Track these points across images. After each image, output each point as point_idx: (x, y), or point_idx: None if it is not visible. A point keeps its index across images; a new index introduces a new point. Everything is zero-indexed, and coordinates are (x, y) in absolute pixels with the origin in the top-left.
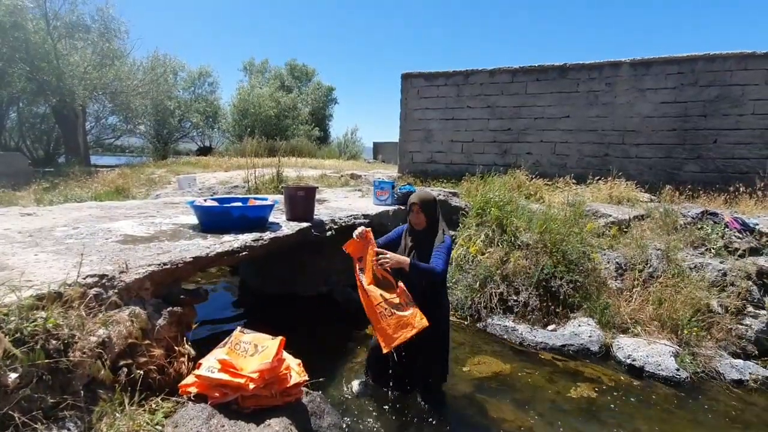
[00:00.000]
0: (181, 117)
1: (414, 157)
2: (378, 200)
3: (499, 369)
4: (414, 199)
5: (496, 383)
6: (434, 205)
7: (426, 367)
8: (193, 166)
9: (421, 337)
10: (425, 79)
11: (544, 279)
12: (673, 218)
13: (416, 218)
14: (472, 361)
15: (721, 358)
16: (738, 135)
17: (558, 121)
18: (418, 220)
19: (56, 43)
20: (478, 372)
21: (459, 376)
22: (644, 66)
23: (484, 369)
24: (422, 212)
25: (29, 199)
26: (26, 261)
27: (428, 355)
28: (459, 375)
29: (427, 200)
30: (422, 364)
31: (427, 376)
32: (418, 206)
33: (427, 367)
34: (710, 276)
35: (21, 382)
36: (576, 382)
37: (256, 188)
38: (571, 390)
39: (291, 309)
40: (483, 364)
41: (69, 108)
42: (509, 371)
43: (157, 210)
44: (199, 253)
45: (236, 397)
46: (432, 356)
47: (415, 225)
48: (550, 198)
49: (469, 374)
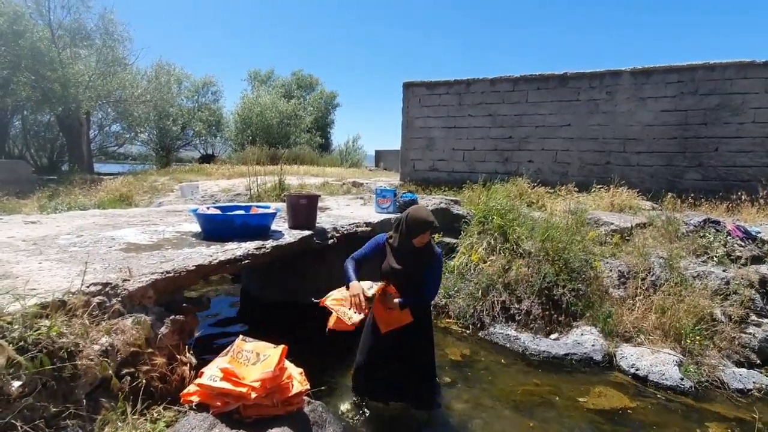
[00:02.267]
0: (185, 125)
1: (416, 165)
2: (380, 208)
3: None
4: (428, 220)
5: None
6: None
7: (417, 381)
8: (195, 174)
9: (410, 347)
10: (427, 88)
11: (546, 287)
12: (675, 226)
13: (424, 239)
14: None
15: (724, 368)
16: (739, 143)
17: (559, 129)
18: (423, 240)
19: (61, 51)
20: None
21: None
22: (644, 75)
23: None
24: (430, 232)
25: (33, 207)
26: (30, 269)
27: (418, 368)
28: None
29: (435, 220)
30: (413, 376)
31: (419, 389)
32: (431, 229)
33: (418, 381)
34: (713, 284)
35: (24, 391)
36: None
37: (258, 196)
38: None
39: (293, 317)
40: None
41: (73, 116)
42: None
43: (160, 218)
44: (202, 261)
45: (238, 407)
46: (421, 368)
47: (417, 244)
48: (552, 206)
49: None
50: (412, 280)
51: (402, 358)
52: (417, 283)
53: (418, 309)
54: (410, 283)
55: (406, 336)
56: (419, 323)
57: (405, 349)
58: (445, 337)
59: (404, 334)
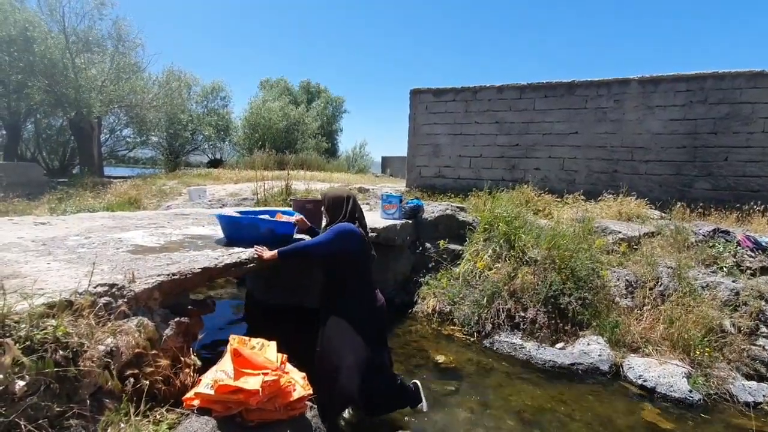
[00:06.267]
0: (194, 130)
1: (422, 172)
2: (385, 214)
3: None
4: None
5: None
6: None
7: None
8: (203, 178)
9: None
10: (434, 95)
11: (552, 296)
12: (684, 236)
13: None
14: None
15: (734, 380)
16: (749, 153)
17: (566, 137)
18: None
19: (74, 57)
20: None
21: None
22: (653, 83)
23: None
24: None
25: (43, 209)
26: (39, 269)
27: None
28: None
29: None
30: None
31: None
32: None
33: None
34: (722, 295)
35: (28, 390)
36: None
37: (265, 201)
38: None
39: (297, 320)
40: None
41: (85, 120)
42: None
43: (167, 221)
44: (208, 264)
45: (240, 411)
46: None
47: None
48: (559, 214)
49: None
50: None
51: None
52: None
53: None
54: None
55: None
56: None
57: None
58: (449, 344)
59: None
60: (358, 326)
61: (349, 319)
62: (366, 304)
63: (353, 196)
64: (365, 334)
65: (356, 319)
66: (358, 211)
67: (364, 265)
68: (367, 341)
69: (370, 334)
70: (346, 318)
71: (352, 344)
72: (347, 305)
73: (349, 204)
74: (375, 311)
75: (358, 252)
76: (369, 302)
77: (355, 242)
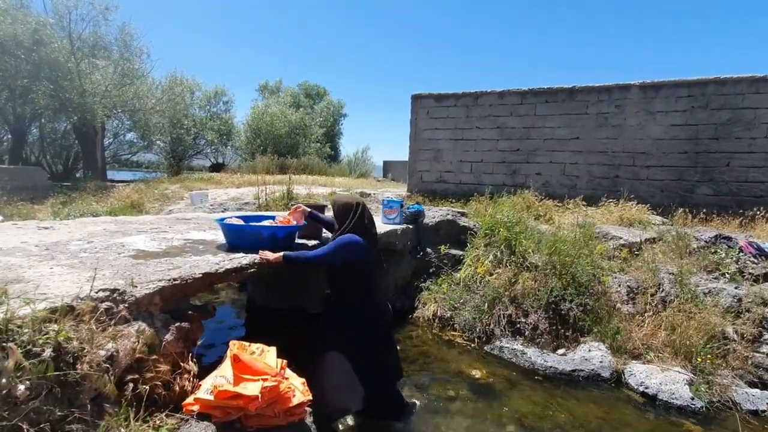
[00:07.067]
0: (197, 134)
1: (423, 177)
2: (387, 219)
3: None
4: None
5: None
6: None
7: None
8: (205, 182)
9: None
10: (435, 100)
11: (553, 301)
12: (685, 242)
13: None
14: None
15: (737, 388)
16: (752, 158)
17: (567, 143)
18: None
19: (79, 62)
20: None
21: None
22: (654, 89)
23: None
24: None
25: (47, 213)
26: (41, 274)
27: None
28: None
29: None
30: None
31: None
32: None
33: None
34: (724, 302)
35: (31, 394)
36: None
37: (266, 205)
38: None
39: (298, 325)
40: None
41: (89, 125)
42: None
43: (169, 225)
44: (209, 269)
45: (239, 416)
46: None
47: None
48: (560, 219)
49: None
50: None
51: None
52: None
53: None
54: None
55: None
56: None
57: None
58: (450, 349)
59: None
60: (358, 334)
61: (349, 327)
62: (367, 312)
63: (362, 203)
64: (366, 342)
65: (356, 327)
66: (367, 218)
67: (367, 275)
68: (368, 349)
69: (372, 342)
70: (346, 326)
71: (350, 353)
72: (347, 313)
73: (357, 211)
74: (376, 320)
75: (361, 262)
76: (370, 311)
77: (358, 253)
